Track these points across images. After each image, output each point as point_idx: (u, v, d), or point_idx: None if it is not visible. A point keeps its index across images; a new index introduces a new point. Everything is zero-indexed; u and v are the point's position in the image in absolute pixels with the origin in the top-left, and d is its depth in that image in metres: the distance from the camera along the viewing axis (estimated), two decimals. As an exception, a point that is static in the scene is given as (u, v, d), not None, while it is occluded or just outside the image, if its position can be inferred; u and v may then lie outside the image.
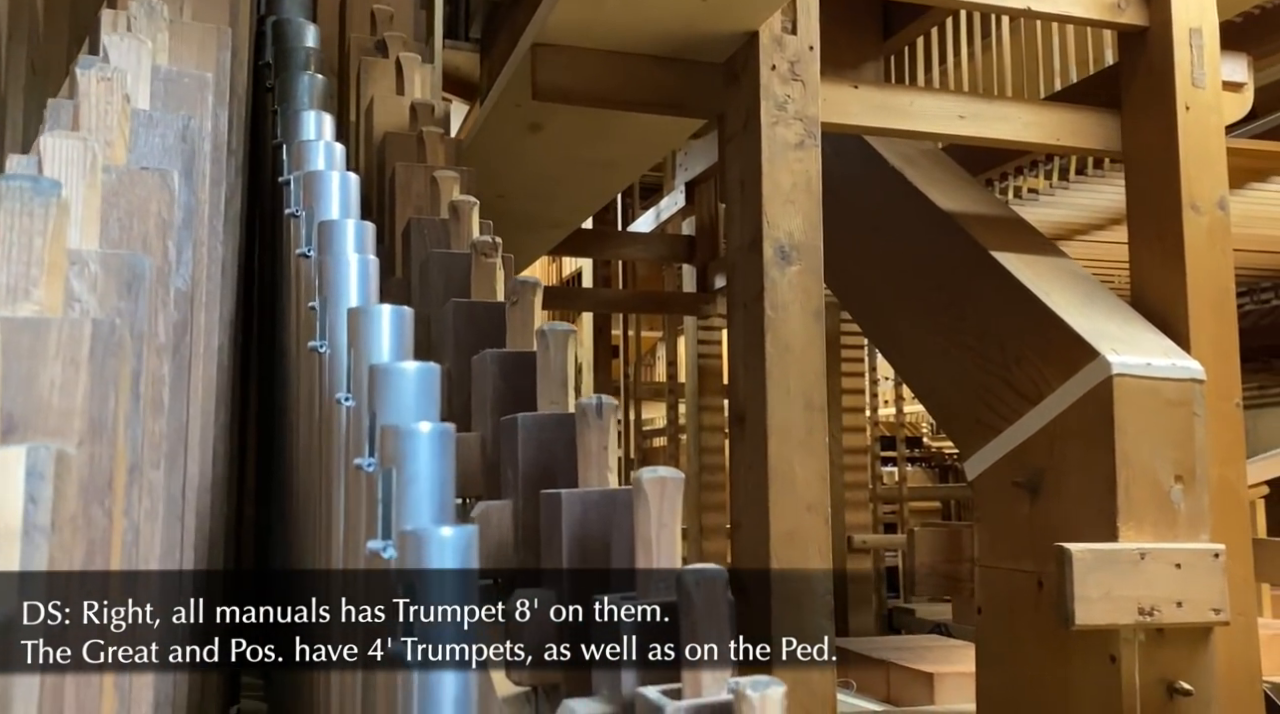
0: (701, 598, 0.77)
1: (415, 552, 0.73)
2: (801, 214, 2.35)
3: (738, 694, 0.69)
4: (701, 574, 0.78)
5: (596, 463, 1.01)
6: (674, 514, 0.87)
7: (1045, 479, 2.61)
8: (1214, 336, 2.68)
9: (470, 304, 1.52)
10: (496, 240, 1.60)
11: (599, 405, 1.03)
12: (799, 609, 2.30)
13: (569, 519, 0.97)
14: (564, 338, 1.17)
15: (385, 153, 2.53)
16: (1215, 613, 2.42)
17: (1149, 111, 2.78)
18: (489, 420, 1.28)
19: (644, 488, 0.88)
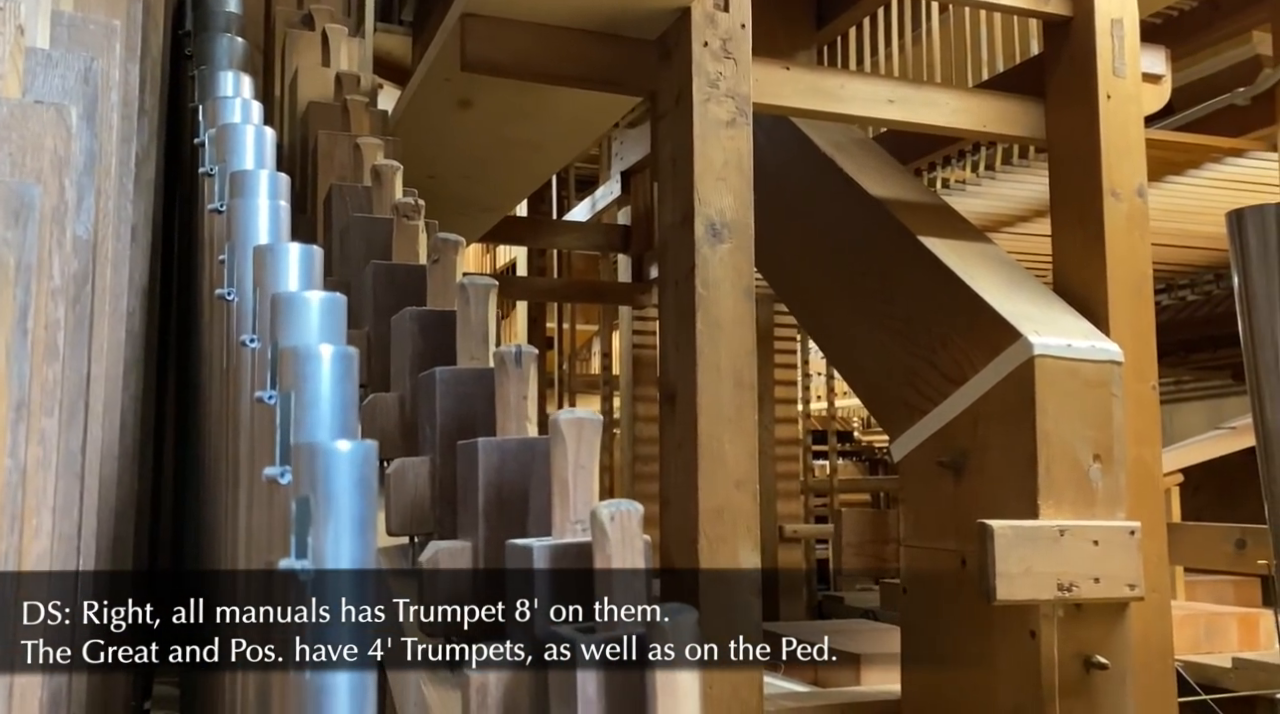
0: (618, 533, 0.75)
1: (310, 467, 0.69)
2: (733, 192, 2.35)
3: (651, 625, 0.67)
4: (617, 507, 0.77)
5: (515, 413, 0.99)
6: (591, 456, 0.86)
7: (969, 459, 2.65)
8: (1132, 321, 2.75)
9: (390, 266, 1.48)
10: (419, 202, 1.56)
11: (518, 354, 1.01)
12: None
13: (486, 467, 0.94)
14: (485, 292, 1.15)
15: (309, 123, 2.47)
16: (1131, 589, 2.48)
17: (1072, 100, 2.84)
18: (408, 380, 1.25)
19: (561, 429, 0.86)
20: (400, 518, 1.10)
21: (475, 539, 0.94)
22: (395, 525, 1.12)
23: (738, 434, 2.32)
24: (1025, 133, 2.92)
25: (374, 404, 1.26)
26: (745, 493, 2.32)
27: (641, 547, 0.76)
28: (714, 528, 2.27)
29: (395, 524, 1.11)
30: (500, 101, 2.89)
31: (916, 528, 2.81)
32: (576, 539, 0.83)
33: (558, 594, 0.80)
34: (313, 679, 0.68)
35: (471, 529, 0.95)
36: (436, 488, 1.09)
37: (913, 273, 2.89)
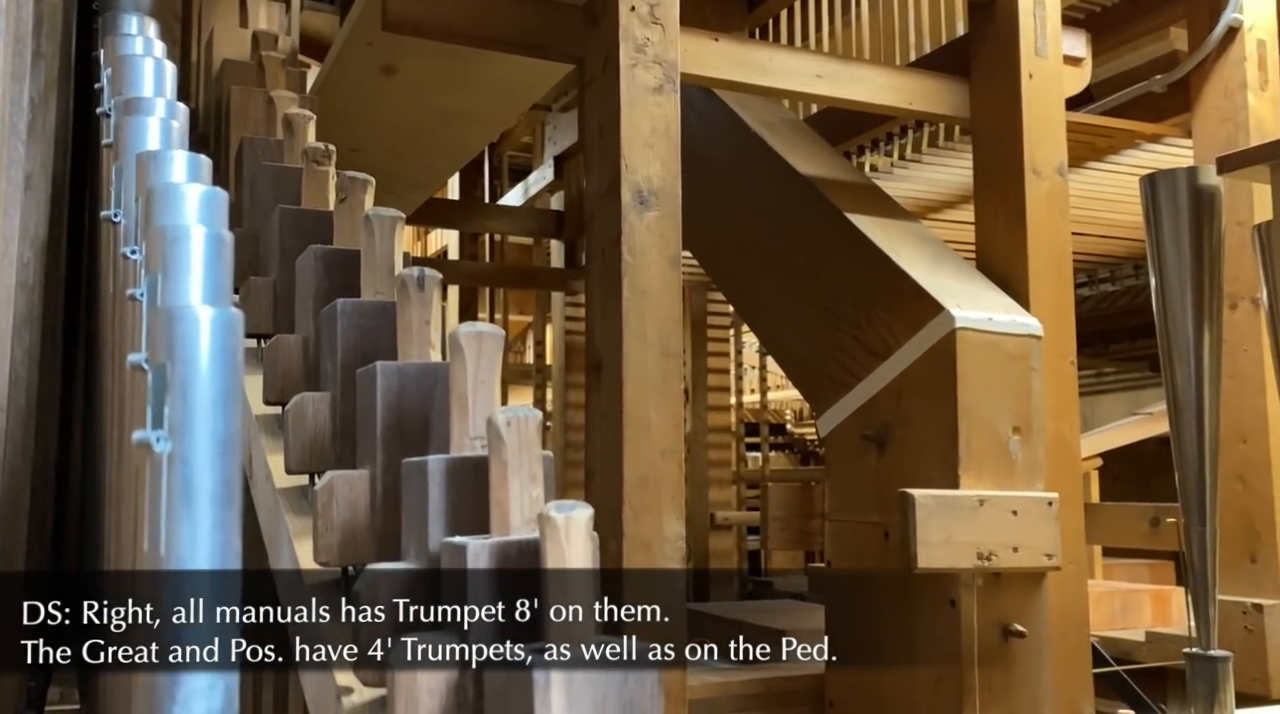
0: (514, 438, 0.72)
1: (169, 333, 0.64)
2: (660, 159, 2.33)
3: (543, 518, 0.65)
4: (514, 413, 0.74)
5: (418, 338, 0.95)
6: (492, 371, 0.82)
7: (892, 432, 2.67)
8: (1052, 297, 2.79)
9: (298, 211, 1.43)
10: (329, 148, 1.51)
11: (421, 277, 0.97)
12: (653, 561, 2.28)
13: (385, 392, 0.91)
14: (391, 224, 1.11)
15: (224, 81, 2.39)
16: (1048, 558, 2.53)
17: (995, 79, 2.88)
18: (312, 320, 1.20)
19: (460, 343, 0.83)
20: (299, 455, 1.05)
21: (373, 466, 0.90)
22: (294, 463, 1.07)
23: (663, 402, 2.30)
24: (950, 111, 2.96)
25: (276, 345, 1.21)
26: (670, 462, 2.30)
27: (539, 455, 0.73)
28: (639, 497, 2.25)
29: (294, 461, 1.07)
30: (426, 68, 2.83)
31: (842, 502, 2.83)
32: (475, 454, 0.80)
33: (454, 508, 0.77)
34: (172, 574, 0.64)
35: (370, 457, 0.91)
36: (337, 422, 1.05)
37: (840, 249, 2.91)
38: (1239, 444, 3.20)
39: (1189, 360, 1.79)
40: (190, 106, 2.19)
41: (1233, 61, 3.19)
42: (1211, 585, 1.80)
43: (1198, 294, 1.80)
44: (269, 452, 1.15)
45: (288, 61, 2.49)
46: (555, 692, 0.58)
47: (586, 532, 0.64)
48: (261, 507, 1.20)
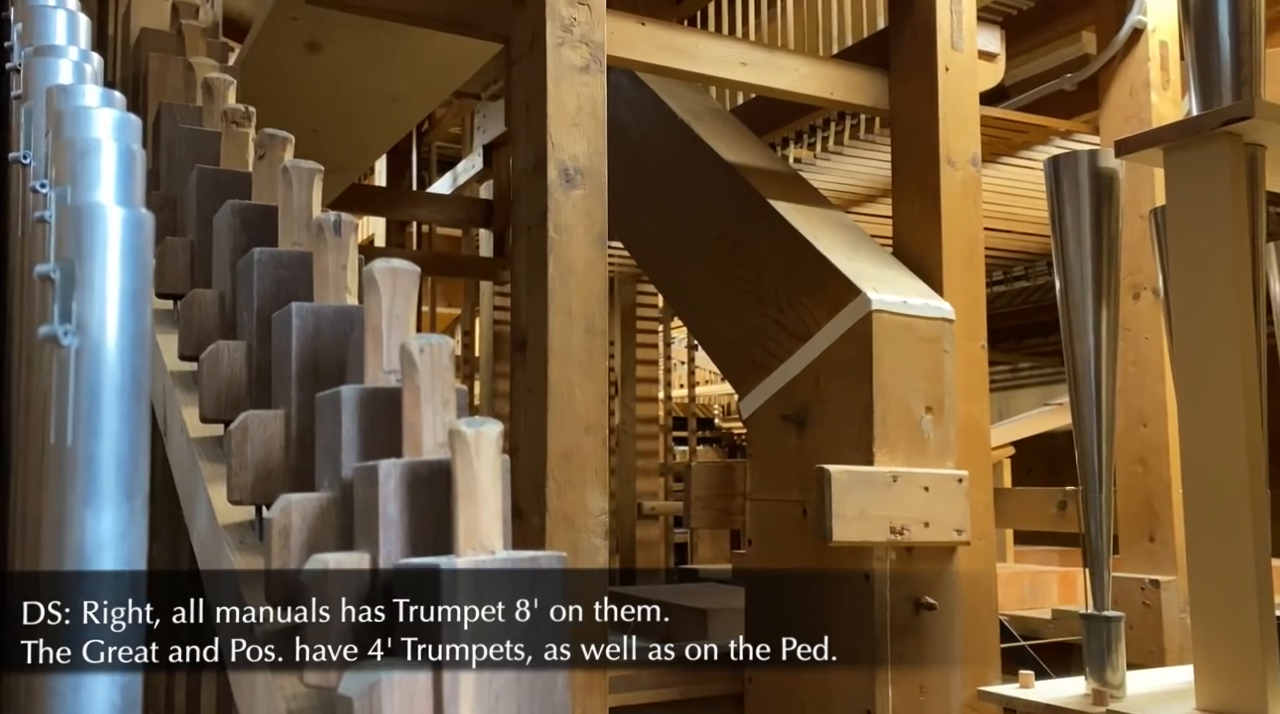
0: (427, 364, 0.74)
1: (76, 228, 0.64)
2: (586, 139, 2.36)
3: (453, 433, 0.67)
4: (427, 340, 0.76)
5: (334, 283, 0.96)
6: (407, 307, 0.84)
7: (811, 412, 2.74)
8: (964, 283, 2.89)
9: (216, 171, 1.42)
10: (249, 109, 1.50)
11: (337, 222, 0.98)
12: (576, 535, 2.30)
13: (300, 333, 0.91)
14: (309, 175, 1.11)
15: (141, 50, 2.34)
16: (958, 533, 2.62)
17: (913, 71, 2.97)
18: (229, 274, 1.20)
19: (375, 278, 0.84)
20: (214, 402, 1.05)
21: (288, 406, 0.91)
22: (209, 410, 1.07)
23: (588, 379, 2.33)
24: (870, 102, 3.04)
25: (192, 300, 1.21)
26: (595, 437, 2.33)
27: (452, 382, 0.75)
28: (563, 471, 2.28)
29: (209, 409, 1.06)
30: (351, 45, 2.81)
31: (762, 481, 2.89)
32: (389, 386, 0.81)
33: (367, 437, 0.79)
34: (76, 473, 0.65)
35: (285, 397, 0.92)
36: (253, 371, 1.05)
37: (763, 235, 2.97)
38: (1140, 428, 3.35)
39: (1088, 336, 1.88)
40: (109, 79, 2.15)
41: (1137, 61, 3.34)
42: (1105, 550, 1.89)
43: (1096, 271, 1.89)
44: (184, 405, 1.15)
45: (209, 33, 2.46)
46: (461, 591, 0.60)
47: (496, 447, 0.66)
48: (176, 461, 1.20)
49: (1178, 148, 1.68)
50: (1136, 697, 1.75)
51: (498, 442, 0.66)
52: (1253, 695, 1.57)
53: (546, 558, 0.64)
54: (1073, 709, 1.76)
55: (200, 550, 1.01)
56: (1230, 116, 1.61)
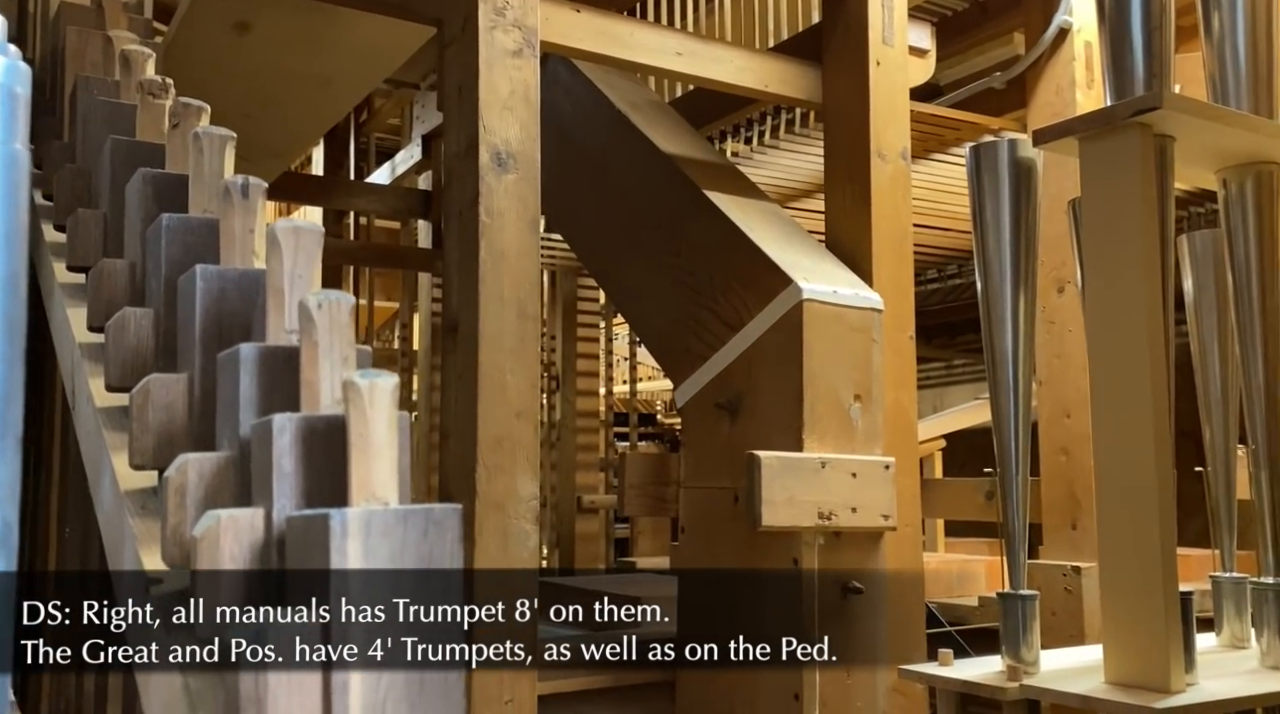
0: (325, 320, 0.74)
1: None
2: (519, 123, 2.35)
3: (347, 384, 0.66)
4: (326, 296, 0.75)
5: (240, 246, 0.94)
6: (310, 266, 0.83)
7: (743, 400, 2.77)
8: (893, 274, 2.94)
9: (130, 142, 1.39)
10: (167, 80, 1.47)
11: (245, 185, 0.97)
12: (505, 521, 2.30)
13: (205, 295, 0.90)
14: (220, 142, 1.09)
15: (60, 23, 2.28)
16: (885, 519, 2.66)
17: (845, 65, 3.02)
18: (140, 243, 1.18)
19: (278, 237, 0.83)
20: (119, 370, 1.03)
21: (192, 370, 0.89)
22: (114, 378, 1.04)
23: (520, 365, 2.32)
24: (804, 95, 3.07)
25: (101, 270, 1.18)
26: (526, 423, 2.32)
27: (352, 340, 0.75)
28: (493, 457, 2.27)
29: (114, 377, 1.04)
30: (282, 26, 2.76)
31: (696, 469, 2.91)
32: (288, 344, 0.80)
33: (266, 395, 0.78)
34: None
35: (189, 361, 0.90)
36: (160, 339, 1.03)
37: (698, 225, 2.99)
38: (1063, 419, 3.44)
39: (1005, 321, 1.93)
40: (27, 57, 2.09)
41: (1063, 61, 3.43)
42: (1021, 532, 1.94)
43: (1015, 258, 1.94)
44: (91, 376, 1.12)
45: (132, 8, 2.40)
46: (352, 541, 0.60)
47: (391, 399, 0.66)
48: (84, 434, 1.17)
49: (1092, 137, 1.73)
50: (1050, 673, 1.80)
51: (393, 394, 0.66)
52: (1158, 668, 1.62)
53: (441, 510, 0.64)
54: (988, 684, 1.81)
55: (104, 522, 0.99)
56: (1141, 107, 1.66)
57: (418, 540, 0.61)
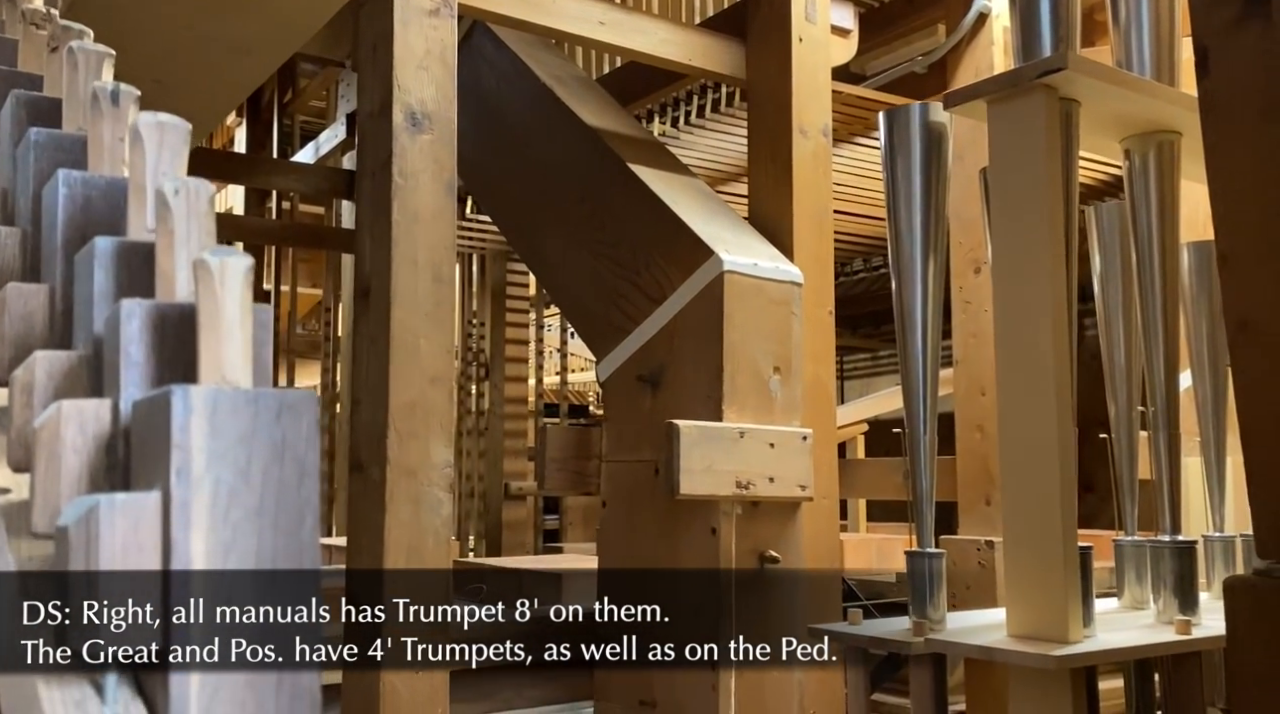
0: (182, 208, 0.70)
1: None
2: (435, 83, 2.31)
3: (197, 263, 0.63)
4: (184, 183, 0.71)
5: (109, 155, 0.90)
6: (175, 163, 0.79)
7: (665, 373, 2.76)
8: (814, 249, 2.97)
9: (9, 72, 1.32)
10: (50, 9, 1.41)
11: (114, 91, 0.92)
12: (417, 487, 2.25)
13: (67, 201, 0.85)
14: (98, 59, 1.04)
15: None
16: (802, 489, 2.68)
17: (768, 41, 3.03)
18: (12, 167, 1.12)
19: (141, 132, 0.79)
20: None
21: (53, 280, 0.85)
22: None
23: (434, 329, 2.28)
24: (728, 71, 3.08)
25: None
26: (440, 389, 2.29)
27: (212, 229, 0.71)
28: (405, 423, 2.23)
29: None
30: (192, -17, 2.68)
31: (617, 443, 2.89)
32: (146, 239, 0.76)
33: (122, 291, 0.74)
34: None
35: (51, 271, 0.86)
36: (27, 257, 0.98)
37: (622, 199, 2.97)
38: (979, 396, 3.50)
39: (915, 283, 1.95)
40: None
41: (982, 46, 3.49)
42: (929, 490, 1.96)
43: (925, 224, 1.96)
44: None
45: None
46: (196, 418, 0.56)
47: (243, 280, 0.63)
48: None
49: (999, 100, 1.76)
50: (955, 629, 1.83)
51: (246, 275, 0.63)
52: (1057, 620, 1.65)
53: (297, 394, 0.61)
54: (894, 639, 1.82)
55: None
56: (1046, 68, 1.69)
57: (269, 424, 0.58)
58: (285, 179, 5.65)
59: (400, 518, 2.17)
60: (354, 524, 2.28)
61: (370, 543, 2.19)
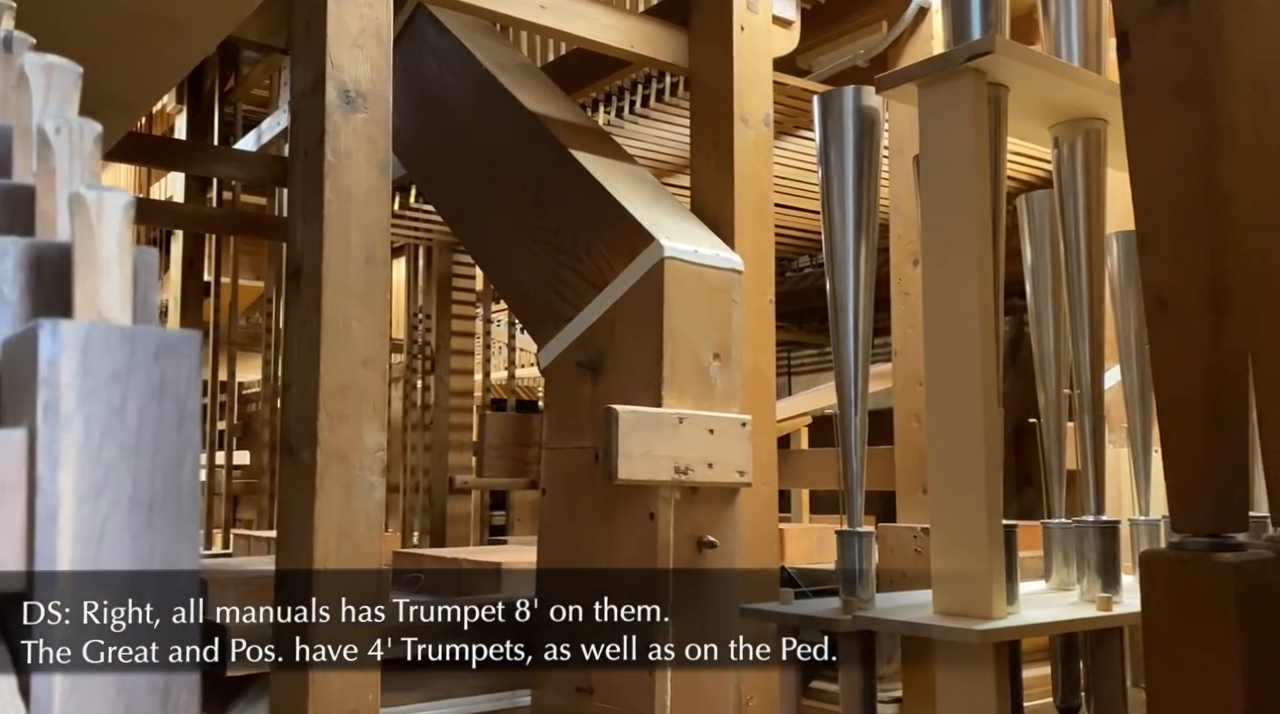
0: (64, 146, 0.68)
1: None
2: (370, 62, 2.27)
3: (73, 197, 0.61)
4: (66, 120, 0.69)
5: (2, 102, 0.87)
6: (64, 106, 0.77)
7: (605, 359, 2.75)
8: (755, 238, 2.98)
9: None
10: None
11: (7, 37, 0.89)
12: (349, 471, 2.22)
13: (-43, 149, 0.83)
14: (1, 9, 1.01)
15: None
16: (740, 475, 2.69)
17: (710, 30, 3.03)
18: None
19: (28, 74, 0.77)
20: None
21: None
22: None
23: (367, 311, 2.25)
24: (670, 58, 3.08)
25: None
26: (373, 372, 2.25)
27: (97, 169, 0.69)
28: (337, 406, 2.19)
29: None
30: (121, -44, 2.61)
31: (558, 430, 2.88)
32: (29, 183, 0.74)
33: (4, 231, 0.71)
34: None
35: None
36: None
37: (564, 185, 2.96)
38: (916, 387, 3.54)
39: (848, 266, 1.96)
40: None
41: (922, 39, 3.53)
42: (859, 471, 1.98)
43: (858, 205, 1.97)
44: None
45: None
46: (67, 353, 0.54)
47: (124, 216, 0.61)
48: None
49: (929, 83, 1.78)
50: (883, 608, 1.84)
51: (125, 212, 0.61)
52: (981, 597, 1.68)
53: (179, 333, 0.59)
54: (823, 617, 1.84)
55: None
56: (975, 51, 1.71)
57: (147, 363, 0.56)
58: (226, 167, 5.55)
59: (331, 501, 2.14)
60: (284, 508, 2.24)
61: (300, 527, 2.15)
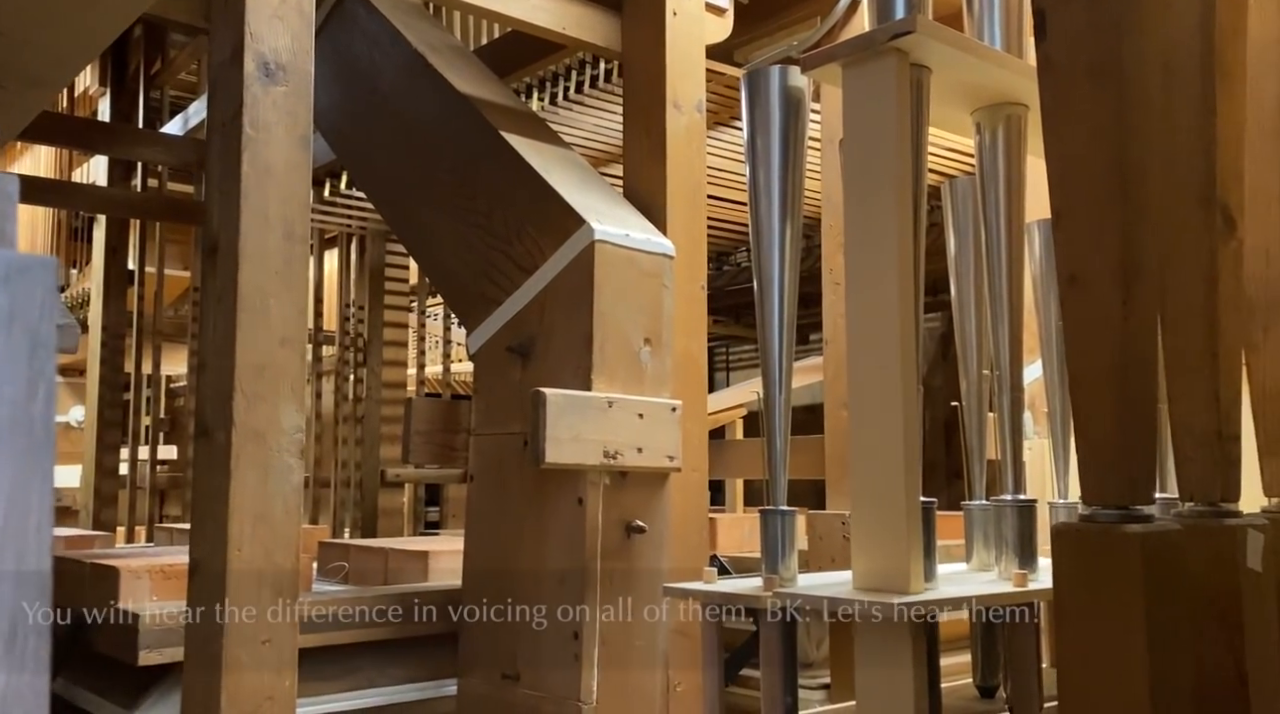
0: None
1: None
2: (291, 33, 2.22)
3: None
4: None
5: None
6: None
7: (535, 344, 2.73)
8: (687, 224, 2.97)
9: None
10: None
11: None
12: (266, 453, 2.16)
13: None
14: None
15: None
16: (670, 460, 2.68)
17: (643, 14, 3.02)
18: None
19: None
20: None
21: None
22: None
23: (285, 289, 2.19)
24: (603, 42, 3.06)
25: None
26: (291, 351, 2.20)
27: None
28: (253, 385, 2.13)
29: None
30: (30, -80, 2.51)
31: (486, 416, 2.84)
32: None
33: None
34: None
35: None
36: None
37: (495, 168, 2.92)
38: (845, 375, 3.58)
39: (773, 248, 1.96)
40: None
41: (855, 30, 3.55)
42: (783, 450, 1.98)
43: (783, 186, 1.98)
44: None
45: None
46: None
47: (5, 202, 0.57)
48: None
49: (853, 63, 1.78)
50: (804, 586, 1.85)
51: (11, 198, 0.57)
52: (899, 572, 1.69)
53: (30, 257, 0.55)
54: (744, 594, 1.83)
55: None
56: (897, 30, 1.72)
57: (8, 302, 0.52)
58: (150, 150, 5.39)
59: (247, 484, 2.08)
60: (198, 492, 2.18)
61: (215, 510, 2.09)
